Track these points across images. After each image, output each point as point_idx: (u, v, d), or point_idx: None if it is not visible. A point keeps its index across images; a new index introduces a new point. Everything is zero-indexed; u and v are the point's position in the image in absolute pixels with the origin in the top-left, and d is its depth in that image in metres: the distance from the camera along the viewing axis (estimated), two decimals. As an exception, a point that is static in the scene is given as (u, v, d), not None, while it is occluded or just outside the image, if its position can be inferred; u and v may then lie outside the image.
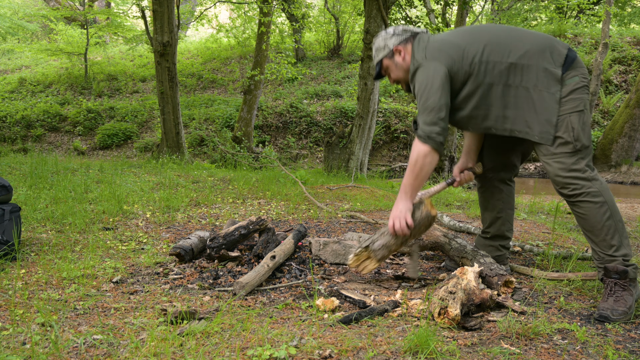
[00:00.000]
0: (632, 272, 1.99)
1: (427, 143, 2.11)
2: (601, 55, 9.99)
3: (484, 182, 2.49)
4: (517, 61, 2.08)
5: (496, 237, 2.46)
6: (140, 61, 15.72)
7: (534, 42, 2.11)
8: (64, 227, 3.20)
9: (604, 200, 2.02)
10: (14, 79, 14.74)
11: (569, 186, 2.04)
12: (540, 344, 1.67)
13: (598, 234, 2.03)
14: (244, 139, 9.95)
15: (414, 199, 2.22)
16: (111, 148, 11.22)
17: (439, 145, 2.12)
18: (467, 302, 1.85)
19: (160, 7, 7.50)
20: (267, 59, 10.11)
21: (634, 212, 5.01)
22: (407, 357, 1.55)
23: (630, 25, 17.66)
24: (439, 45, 2.19)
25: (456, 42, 2.17)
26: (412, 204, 2.21)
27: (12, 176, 4.98)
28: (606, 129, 10.34)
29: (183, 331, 1.69)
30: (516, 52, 2.09)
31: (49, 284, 2.22)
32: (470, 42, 2.15)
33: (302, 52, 14.93)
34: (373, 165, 10.51)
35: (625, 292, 1.97)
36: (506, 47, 2.11)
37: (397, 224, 2.17)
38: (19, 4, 19.86)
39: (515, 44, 2.11)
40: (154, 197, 4.25)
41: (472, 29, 2.29)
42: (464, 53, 2.13)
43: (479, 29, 2.25)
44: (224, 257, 2.54)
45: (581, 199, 2.03)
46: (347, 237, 2.98)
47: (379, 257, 2.24)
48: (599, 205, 2.01)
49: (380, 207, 4.28)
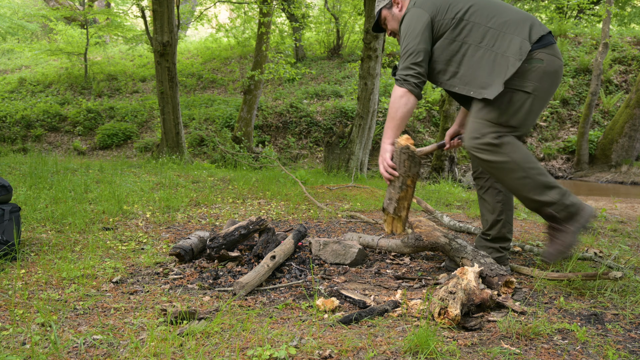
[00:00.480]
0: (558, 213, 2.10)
1: (403, 86, 2.21)
2: (601, 55, 9.99)
3: (482, 184, 2.48)
4: (496, 27, 2.14)
5: (497, 239, 2.46)
6: (140, 61, 15.72)
7: (517, 15, 2.18)
8: (63, 227, 3.20)
9: (509, 160, 2.09)
10: (14, 78, 14.74)
11: (475, 151, 2.17)
12: (540, 344, 1.66)
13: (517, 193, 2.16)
14: (244, 139, 9.95)
15: (393, 140, 2.29)
16: (111, 148, 11.22)
17: (414, 87, 2.20)
18: (467, 302, 1.85)
19: (160, 7, 7.50)
20: (267, 59, 10.11)
21: (634, 212, 5.01)
22: (407, 357, 1.55)
23: (630, 25, 17.65)
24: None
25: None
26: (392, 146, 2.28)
27: (12, 176, 4.98)
28: (606, 129, 10.34)
29: (183, 331, 1.69)
30: (498, 19, 2.16)
31: (48, 284, 2.22)
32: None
33: (302, 52, 14.93)
34: (373, 165, 10.52)
35: (559, 232, 2.11)
36: (490, 12, 2.18)
37: (381, 168, 2.27)
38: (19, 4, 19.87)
39: (500, 11, 2.18)
40: (154, 197, 4.24)
41: None
42: (449, 6, 2.21)
43: None
44: (224, 257, 2.54)
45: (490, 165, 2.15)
46: (347, 237, 2.98)
47: (392, 212, 2.28)
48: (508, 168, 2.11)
49: (380, 207, 4.28)
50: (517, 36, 2.10)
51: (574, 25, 14.67)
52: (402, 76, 2.21)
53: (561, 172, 10.41)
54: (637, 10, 17.78)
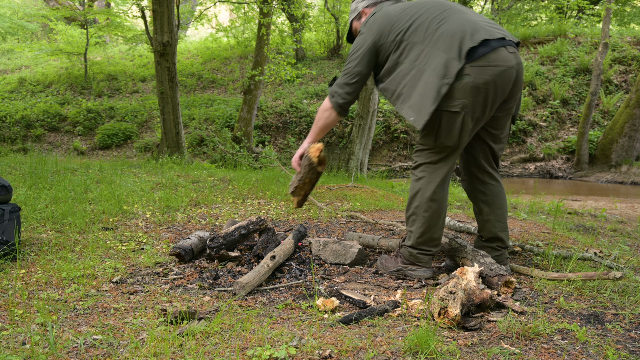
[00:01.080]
0: (406, 253, 2.36)
1: (330, 101, 2.36)
2: (601, 55, 9.99)
3: (466, 186, 2.51)
4: (429, 45, 2.12)
5: (491, 239, 2.46)
6: (140, 61, 15.72)
7: (451, 26, 2.12)
8: (63, 227, 3.20)
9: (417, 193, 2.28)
10: (14, 78, 14.74)
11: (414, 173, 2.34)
12: (540, 344, 1.66)
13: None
14: (244, 139, 9.95)
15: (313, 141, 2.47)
16: (111, 148, 11.22)
17: (337, 106, 2.34)
18: (467, 302, 1.85)
19: (160, 7, 7.50)
20: (267, 59, 10.11)
21: (634, 212, 5.01)
22: (407, 357, 1.55)
23: (630, 25, 17.65)
24: (380, 16, 2.30)
25: (393, 15, 2.26)
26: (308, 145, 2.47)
27: (12, 176, 4.98)
28: (606, 129, 10.34)
29: (183, 331, 1.69)
30: (433, 34, 2.13)
31: (48, 284, 2.22)
32: (401, 18, 2.23)
33: (302, 52, 14.93)
34: (373, 165, 10.52)
35: (397, 258, 2.42)
36: (428, 28, 2.16)
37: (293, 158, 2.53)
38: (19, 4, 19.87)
39: (436, 26, 2.15)
40: (154, 197, 4.24)
41: (414, 4, 2.31)
42: (392, 28, 2.23)
43: (419, 5, 2.27)
44: (223, 257, 2.54)
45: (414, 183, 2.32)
46: (347, 237, 2.98)
47: (290, 192, 2.59)
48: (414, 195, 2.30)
49: (380, 207, 4.28)
50: (444, 53, 2.07)
51: (574, 26, 14.67)
52: (332, 92, 2.36)
53: (561, 172, 10.41)
54: (637, 10, 17.78)
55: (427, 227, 2.27)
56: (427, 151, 2.27)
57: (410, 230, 2.33)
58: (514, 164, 10.90)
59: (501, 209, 2.44)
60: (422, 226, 2.27)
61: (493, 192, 2.42)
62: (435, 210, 2.25)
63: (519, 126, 11.16)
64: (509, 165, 10.85)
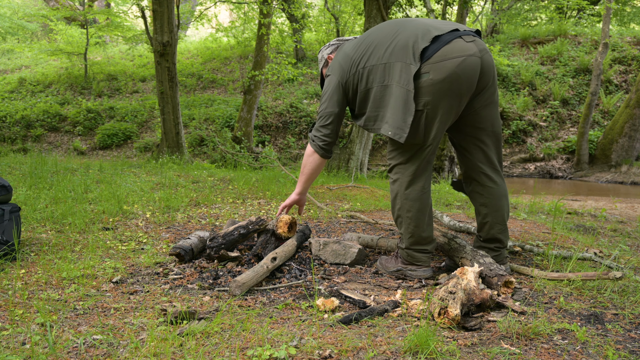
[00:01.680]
0: (404, 254, 2.37)
1: (312, 146, 2.44)
2: (601, 55, 9.99)
3: (465, 188, 2.52)
4: (388, 60, 2.18)
5: (489, 240, 2.46)
6: (140, 61, 15.72)
7: (404, 36, 2.18)
8: (63, 227, 3.20)
9: (396, 196, 2.33)
10: (14, 78, 14.74)
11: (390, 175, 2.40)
12: (540, 344, 1.66)
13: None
14: (244, 139, 9.95)
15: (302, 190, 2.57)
16: (111, 148, 11.23)
17: (319, 148, 2.41)
18: (467, 302, 1.85)
19: (160, 7, 7.50)
20: (267, 59, 10.11)
21: (634, 212, 5.01)
22: (407, 357, 1.55)
23: (630, 25, 17.65)
24: (339, 56, 2.39)
25: (349, 51, 2.35)
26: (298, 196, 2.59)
27: (12, 176, 4.98)
28: (606, 129, 10.34)
29: (183, 331, 1.69)
30: (388, 50, 2.19)
31: (48, 284, 2.22)
32: (357, 50, 2.32)
33: (302, 52, 14.93)
34: (373, 165, 10.52)
35: (396, 258, 2.43)
36: (382, 47, 2.22)
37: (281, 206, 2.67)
38: (19, 4, 19.88)
39: (388, 42, 2.21)
40: (154, 197, 4.25)
41: (368, 34, 2.38)
42: (352, 62, 2.31)
43: (370, 33, 2.36)
44: (223, 257, 2.54)
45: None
46: (347, 237, 2.98)
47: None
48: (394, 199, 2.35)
49: (380, 207, 4.28)
50: (401, 62, 2.12)
51: (574, 26, 14.67)
52: (312, 137, 2.45)
53: (561, 172, 10.41)
54: (637, 10, 17.78)
55: (414, 226, 2.30)
56: (396, 152, 2.33)
57: (401, 233, 2.37)
58: (514, 164, 10.90)
59: (500, 210, 2.41)
60: (409, 226, 2.30)
61: (492, 194, 2.40)
62: (418, 208, 2.28)
63: (519, 126, 11.16)
64: (509, 165, 10.85)
